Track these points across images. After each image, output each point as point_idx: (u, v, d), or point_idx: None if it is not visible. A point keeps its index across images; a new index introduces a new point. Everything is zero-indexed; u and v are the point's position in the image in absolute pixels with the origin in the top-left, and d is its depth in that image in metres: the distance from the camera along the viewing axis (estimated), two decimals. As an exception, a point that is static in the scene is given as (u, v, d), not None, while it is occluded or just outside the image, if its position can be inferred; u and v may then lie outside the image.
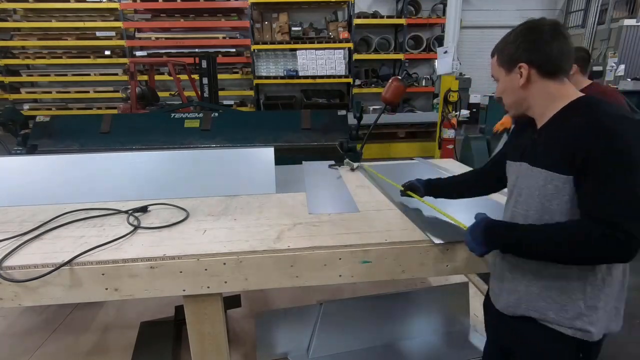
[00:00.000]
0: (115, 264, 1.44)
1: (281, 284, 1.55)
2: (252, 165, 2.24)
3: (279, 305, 2.43)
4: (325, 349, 2.03)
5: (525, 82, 1.15)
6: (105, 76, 9.24)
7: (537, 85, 1.15)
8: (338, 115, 3.73)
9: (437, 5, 9.61)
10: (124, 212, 1.89)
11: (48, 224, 1.77)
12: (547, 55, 1.12)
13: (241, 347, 2.15)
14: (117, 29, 9.04)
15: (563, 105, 1.14)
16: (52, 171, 2.13)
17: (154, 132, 3.58)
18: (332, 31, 9.32)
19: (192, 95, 7.34)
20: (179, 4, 8.71)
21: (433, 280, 2.65)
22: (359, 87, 9.62)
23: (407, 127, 7.41)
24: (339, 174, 2.61)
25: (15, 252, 1.50)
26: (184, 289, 1.50)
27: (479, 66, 10.45)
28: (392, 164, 2.95)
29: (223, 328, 1.63)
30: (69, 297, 1.46)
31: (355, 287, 2.56)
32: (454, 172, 1.86)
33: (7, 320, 2.41)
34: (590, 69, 7.00)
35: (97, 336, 2.27)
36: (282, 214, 1.89)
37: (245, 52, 9.39)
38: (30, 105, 9.52)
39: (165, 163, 2.21)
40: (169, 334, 2.16)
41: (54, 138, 3.48)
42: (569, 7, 10.33)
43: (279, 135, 3.58)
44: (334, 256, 1.53)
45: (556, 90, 1.15)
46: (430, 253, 1.58)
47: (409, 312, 2.16)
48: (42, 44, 9.12)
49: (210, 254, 1.49)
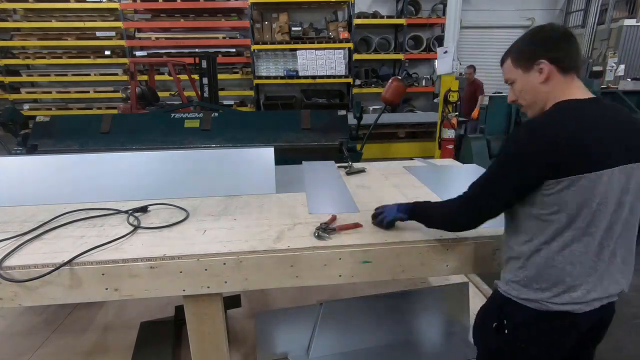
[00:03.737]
0: (115, 264, 1.44)
1: (281, 284, 1.55)
2: (252, 165, 2.24)
3: (279, 305, 2.43)
4: (325, 349, 2.03)
5: (545, 79, 1.20)
6: (105, 76, 9.26)
7: (556, 82, 1.20)
8: (338, 115, 3.72)
9: (437, 5, 9.61)
10: (124, 212, 1.89)
11: (48, 224, 1.77)
12: (565, 52, 1.19)
13: (241, 347, 2.15)
14: (117, 29, 9.05)
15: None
16: (52, 171, 2.13)
17: (154, 132, 3.58)
18: (332, 31, 9.32)
19: (192, 95, 7.35)
20: (179, 4, 8.72)
21: (433, 280, 2.65)
22: (359, 87, 9.62)
23: (407, 127, 7.41)
24: (339, 173, 2.61)
25: (15, 252, 1.50)
26: (184, 289, 1.50)
27: (479, 66, 10.45)
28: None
29: (223, 328, 1.63)
30: (69, 297, 1.46)
31: (355, 287, 2.56)
32: (454, 172, 1.86)
33: (7, 320, 2.41)
34: (590, 68, 7.01)
35: (97, 336, 2.26)
36: (282, 214, 1.89)
37: (245, 52, 9.40)
38: (30, 105, 9.53)
39: (165, 163, 2.20)
40: (169, 333, 2.16)
41: (54, 138, 3.48)
42: (569, 7, 10.33)
43: (279, 135, 3.57)
44: (334, 256, 1.53)
45: (568, 87, 1.20)
46: (430, 253, 1.59)
47: (409, 312, 2.15)
48: (42, 44, 9.13)
49: (210, 254, 1.49)
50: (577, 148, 1.11)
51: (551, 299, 1.20)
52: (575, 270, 1.18)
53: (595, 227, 1.16)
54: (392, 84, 3.50)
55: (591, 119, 1.15)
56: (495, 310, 1.33)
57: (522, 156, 1.16)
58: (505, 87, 1.41)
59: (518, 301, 1.24)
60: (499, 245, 1.62)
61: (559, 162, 1.12)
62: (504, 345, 1.31)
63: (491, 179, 1.26)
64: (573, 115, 1.15)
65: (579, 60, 1.21)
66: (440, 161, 3.10)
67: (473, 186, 1.32)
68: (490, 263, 1.64)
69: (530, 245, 1.22)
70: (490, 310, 1.37)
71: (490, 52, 10.44)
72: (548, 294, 1.20)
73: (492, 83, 10.44)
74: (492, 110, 5.31)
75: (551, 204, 1.16)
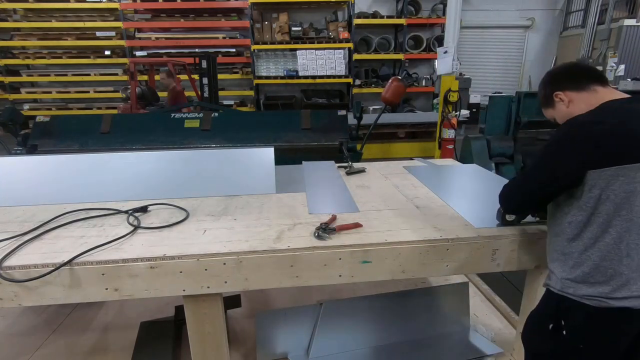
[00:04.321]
0: (115, 264, 1.44)
1: (281, 284, 1.55)
2: (252, 165, 2.24)
3: (279, 305, 2.43)
4: (325, 349, 2.03)
5: (569, 102, 1.36)
6: (105, 76, 9.25)
7: (580, 98, 1.33)
8: (338, 115, 3.72)
9: (437, 5, 9.61)
10: (124, 212, 1.89)
11: (48, 224, 1.77)
12: (569, 74, 1.38)
13: (241, 347, 2.15)
14: (117, 29, 9.04)
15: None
16: (52, 171, 2.13)
17: (154, 132, 3.58)
18: (332, 31, 9.32)
19: (192, 95, 7.34)
20: (179, 4, 8.71)
21: (433, 280, 2.65)
22: (359, 87, 9.62)
23: (407, 127, 7.41)
24: (339, 173, 2.61)
25: (15, 252, 1.50)
26: (184, 289, 1.50)
27: (479, 66, 10.46)
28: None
29: (223, 328, 1.63)
30: (69, 297, 1.46)
31: (355, 287, 2.56)
32: (455, 172, 1.86)
33: (7, 320, 2.41)
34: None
35: (97, 336, 2.27)
36: (282, 214, 1.89)
37: (245, 52, 9.40)
38: (30, 105, 9.52)
39: (165, 163, 2.20)
40: (169, 334, 2.16)
41: (54, 138, 3.48)
42: (569, 7, 10.32)
43: (279, 135, 3.57)
44: (334, 256, 1.53)
45: (595, 95, 1.30)
46: (430, 253, 1.59)
47: (409, 312, 2.15)
48: (42, 44, 9.12)
49: (210, 254, 1.49)
50: (621, 138, 1.16)
51: (610, 294, 1.19)
52: (634, 262, 1.18)
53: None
54: (392, 84, 3.49)
55: (632, 112, 1.20)
56: (552, 311, 1.31)
57: (569, 143, 1.23)
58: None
59: (575, 299, 1.24)
60: (498, 245, 1.62)
61: (603, 152, 1.16)
62: (561, 346, 1.29)
63: (538, 166, 1.35)
64: (614, 110, 1.22)
65: (594, 73, 1.35)
66: (440, 161, 3.10)
67: (523, 172, 1.45)
68: (490, 263, 1.65)
69: (581, 241, 1.24)
70: (545, 312, 1.35)
71: (490, 52, 10.45)
72: (607, 288, 1.20)
73: (491, 83, 10.46)
74: (491, 110, 5.30)
75: (596, 196, 1.18)
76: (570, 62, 1.46)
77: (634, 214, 1.17)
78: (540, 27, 10.56)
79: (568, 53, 9.99)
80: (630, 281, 1.19)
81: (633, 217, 1.17)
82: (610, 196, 1.17)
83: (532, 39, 10.61)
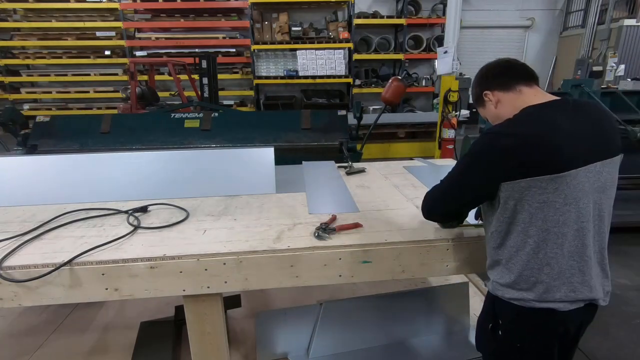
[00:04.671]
0: (115, 264, 1.44)
1: (281, 284, 1.55)
2: (252, 165, 2.24)
3: (279, 305, 2.43)
4: (325, 349, 2.03)
5: (497, 102, 1.34)
6: (105, 76, 9.25)
7: (507, 100, 1.30)
8: (338, 115, 3.72)
9: (437, 5, 9.61)
10: (124, 212, 1.89)
11: (48, 224, 1.77)
12: (499, 74, 1.33)
13: (241, 347, 2.15)
14: (117, 29, 9.04)
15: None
16: (52, 171, 2.13)
17: (154, 132, 3.58)
18: (332, 31, 9.32)
19: (192, 95, 7.34)
20: (179, 4, 8.71)
21: (433, 280, 2.65)
22: (359, 87, 9.62)
23: (407, 127, 7.41)
24: (339, 173, 2.61)
25: (15, 252, 1.50)
26: (184, 289, 1.50)
27: (479, 66, 10.35)
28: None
29: (223, 328, 1.63)
30: (69, 297, 1.46)
31: (355, 287, 2.56)
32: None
33: (7, 320, 2.41)
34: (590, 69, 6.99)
35: (97, 336, 2.27)
36: (282, 214, 1.89)
37: (245, 52, 9.40)
38: (30, 105, 9.52)
39: (165, 163, 2.20)
40: (169, 333, 2.17)
41: (54, 138, 3.47)
42: (569, 7, 10.33)
43: (279, 135, 3.57)
44: (334, 256, 1.54)
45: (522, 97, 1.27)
46: (430, 253, 1.59)
47: (409, 312, 2.15)
48: (42, 44, 9.12)
49: (210, 254, 1.49)
50: (532, 150, 1.13)
51: (534, 299, 1.21)
52: (554, 271, 1.19)
53: (567, 227, 1.17)
54: (392, 84, 3.49)
55: (545, 121, 1.17)
56: (489, 311, 1.34)
57: (484, 156, 1.23)
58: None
59: (505, 300, 1.27)
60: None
61: (514, 165, 1.15)
62: (501, 345, 1.32)
63: (455, 179, 1.34)
64: (529, 118, 1.19)
65: (523, 73, 1.31)
66: (440, 161, 3.10)
67: (441, 184, 1.41)
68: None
69: (505, 249, 1.25)
70: (485, 312, 1.39)
71: (490, 52, 10.44)
72: (531, 294, 1.22)
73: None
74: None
75: (512, 207, 1.19)
76: (503, 58, 1.39)
77: (549, 224, 1.16)
78: (540, 27, 10.56)
79: (568, 53, 9.99)
80: (552, 289, 1.20)
81: (549, 227, 1.17)
82: (525, 206, 1.17)
83: (532, 39, 10.61)
